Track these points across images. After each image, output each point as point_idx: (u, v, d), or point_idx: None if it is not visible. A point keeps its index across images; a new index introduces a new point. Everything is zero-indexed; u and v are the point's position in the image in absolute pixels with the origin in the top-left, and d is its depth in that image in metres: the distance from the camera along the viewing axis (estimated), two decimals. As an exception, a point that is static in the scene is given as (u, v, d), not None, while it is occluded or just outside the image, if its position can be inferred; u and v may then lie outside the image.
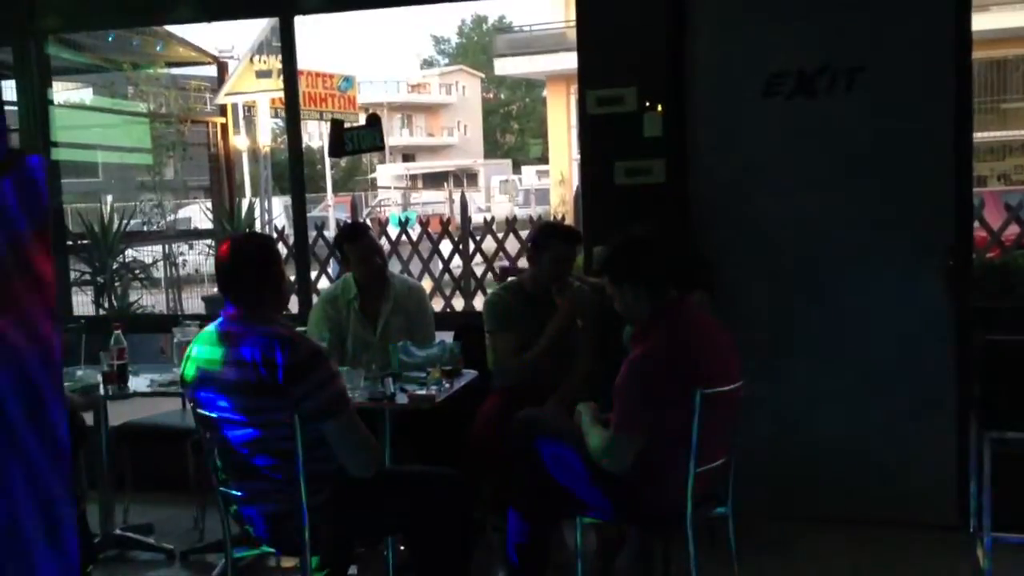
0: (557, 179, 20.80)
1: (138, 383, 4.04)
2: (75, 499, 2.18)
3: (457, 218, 10.13)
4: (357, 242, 4.32)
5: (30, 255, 1.84)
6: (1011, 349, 3.78)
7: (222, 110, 11.32)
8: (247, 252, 3.11)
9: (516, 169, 34.90)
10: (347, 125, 5.07)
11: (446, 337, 4.22)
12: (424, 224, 8.08)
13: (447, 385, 3.72)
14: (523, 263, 5.66)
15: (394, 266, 5.67)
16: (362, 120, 5.41)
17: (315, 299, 4.91)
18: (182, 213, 14.47)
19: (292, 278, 4.90)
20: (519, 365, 4.03)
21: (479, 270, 7.44)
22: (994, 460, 3.57)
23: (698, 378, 3.01)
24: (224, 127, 10.42)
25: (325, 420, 2.94)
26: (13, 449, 1.82)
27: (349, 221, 9.86)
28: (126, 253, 8.13)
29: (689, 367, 3.05)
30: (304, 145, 6.15)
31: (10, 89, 5.54)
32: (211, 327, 3.12)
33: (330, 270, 7.44)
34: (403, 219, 10.13)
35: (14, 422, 1.81)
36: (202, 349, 3.07)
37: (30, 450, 1.84)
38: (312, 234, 7.04)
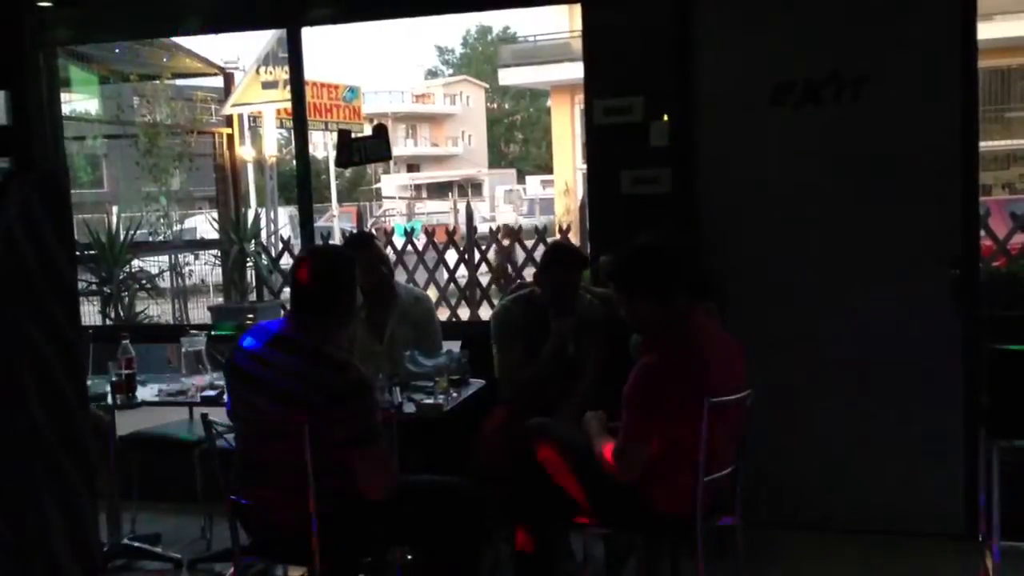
0: (562, 189, 20.83)
1: (146, 392, 4.05)
2: (96, 504, 2.19)
3: (462, 228, 10.11)
4: (362, 251, 4.33)
5: (56, 264, 1.86)
6: (1018, 358, 3.77)
7: (228, 121, 11.33)
8: (329, 269, 3.11)
9: (520, 179, 34.94)
10: (354, 135, 5.07)
11: (453, 346, 4.22)
12: (429, 234, 8.08)
13: (454, 394, 3.73)
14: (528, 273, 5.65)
15: (399, 276, 5.68)
16: (368, 130, 5.42)
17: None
18: (188, 223, 14.48)
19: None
20: (522, 379, 4.03)
21: (484, 279, 7.45)
22: (1002, 469, 3.56)
23: (706, 387, 3.01)
24: (230, 138, 10.42)
25: (353, 448, 2.93)
26: (39, 453, 1.83)
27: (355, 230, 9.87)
28: (132, 263, 8.15)
29: (697, 376, 3.05)
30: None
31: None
32: (270, 325, 3.12)
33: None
34: (408, 229, 10.13)
35: (39, 427, 1.83)
36: (255, 345, 3.06)
37: (55, 454, 1.85)
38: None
